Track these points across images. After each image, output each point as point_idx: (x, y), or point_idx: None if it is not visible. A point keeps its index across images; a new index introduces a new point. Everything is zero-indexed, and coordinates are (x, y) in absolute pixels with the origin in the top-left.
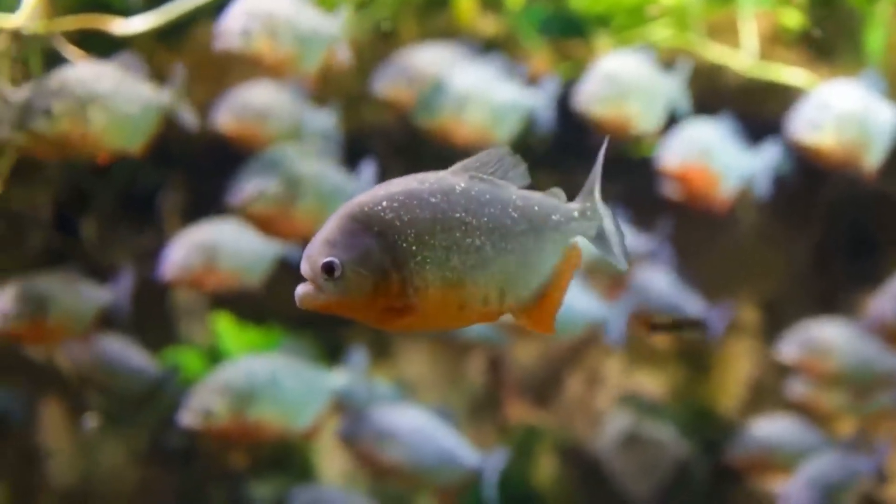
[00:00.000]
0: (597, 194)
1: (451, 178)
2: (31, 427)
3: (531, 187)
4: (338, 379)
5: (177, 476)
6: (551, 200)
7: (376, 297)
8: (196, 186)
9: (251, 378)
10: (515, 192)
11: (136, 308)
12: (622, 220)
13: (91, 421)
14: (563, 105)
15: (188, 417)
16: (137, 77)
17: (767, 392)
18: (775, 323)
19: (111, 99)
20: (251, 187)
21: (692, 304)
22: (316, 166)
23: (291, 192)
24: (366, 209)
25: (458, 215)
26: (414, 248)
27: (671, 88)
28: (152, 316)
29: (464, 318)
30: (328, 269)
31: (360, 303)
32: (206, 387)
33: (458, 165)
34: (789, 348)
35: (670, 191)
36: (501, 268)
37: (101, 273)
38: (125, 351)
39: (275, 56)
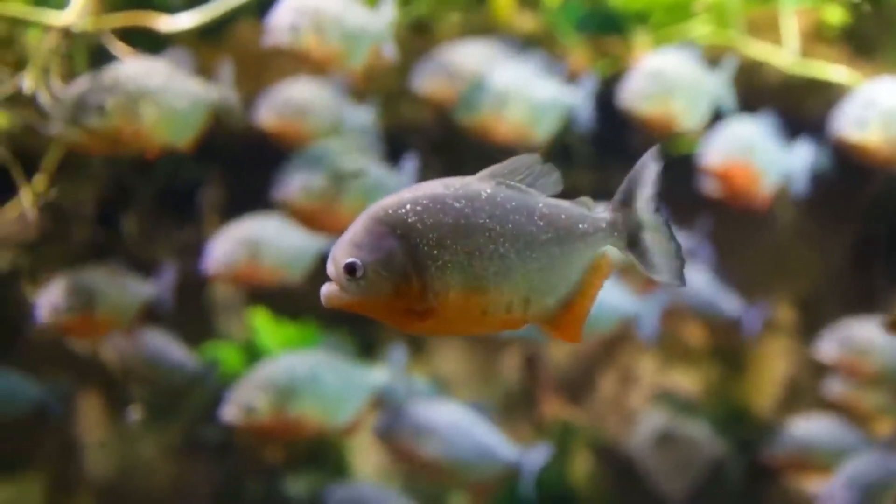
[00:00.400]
0: (639, 205)
1: (477, 184)
2: (70, 420)
3: (565, 191)
4: (379, 376)
5: (213, 470)
6: (579, 209)
7: (397, 298)
8: (235, 182)
9: (293, 374)
10: (542, 200)
11: (174, 303)
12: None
13: (135, 413)
14: (602, 102)
15: (230, 413)
16: (186, 73)
17: (803, 391)
18: (812, 322)
19: (162, 94)
20: (296, 182)
21: (728, 301)
22: (360, 162)
23: (336, 187)
24: (390, 212)
25: (482, 221)
26: (435, 252)
27: (716, 86)
28: (190, 311)
29: (487, 325)
30: (350, 269)
31: (382, 304)
32: (248, 382)
33: (486, 171)
34: (829, 347)
35: (711, 188)
36: (526, 275)
37: (141, 268)
38: (167, 345)
39: (322, 52)
